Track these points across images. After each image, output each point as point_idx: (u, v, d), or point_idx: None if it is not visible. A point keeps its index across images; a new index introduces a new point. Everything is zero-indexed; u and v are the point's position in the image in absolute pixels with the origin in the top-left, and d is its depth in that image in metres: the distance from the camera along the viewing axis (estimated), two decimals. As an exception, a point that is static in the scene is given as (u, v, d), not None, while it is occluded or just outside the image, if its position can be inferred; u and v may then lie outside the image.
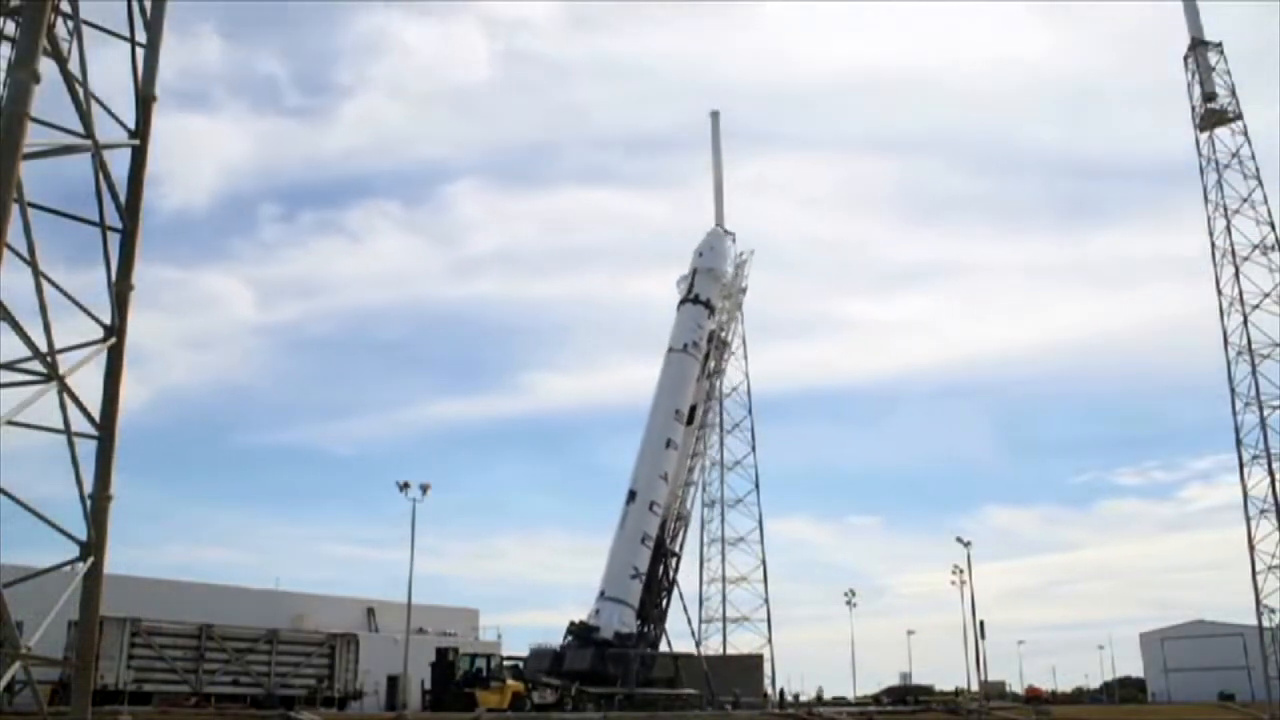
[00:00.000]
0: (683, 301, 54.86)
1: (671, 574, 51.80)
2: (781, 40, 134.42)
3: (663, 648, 50.14)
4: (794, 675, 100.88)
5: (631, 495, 49.16)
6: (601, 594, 47.22)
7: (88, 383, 14.93)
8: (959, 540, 61.02)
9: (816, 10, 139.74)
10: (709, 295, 54.87)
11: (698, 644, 55.78)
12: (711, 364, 55.85)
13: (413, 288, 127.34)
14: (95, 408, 15.01)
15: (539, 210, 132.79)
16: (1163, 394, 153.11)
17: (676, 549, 52.89)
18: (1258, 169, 67.94)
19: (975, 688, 62.10)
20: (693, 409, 53.46)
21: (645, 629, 49.06)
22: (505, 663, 43.05)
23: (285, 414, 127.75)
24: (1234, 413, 67.18)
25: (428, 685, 39.92)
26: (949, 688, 71.12)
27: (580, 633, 45.65)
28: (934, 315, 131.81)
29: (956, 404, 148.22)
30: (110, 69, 16.39)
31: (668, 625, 51.06)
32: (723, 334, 57.34)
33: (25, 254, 13.66)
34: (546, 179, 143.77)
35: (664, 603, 50.83)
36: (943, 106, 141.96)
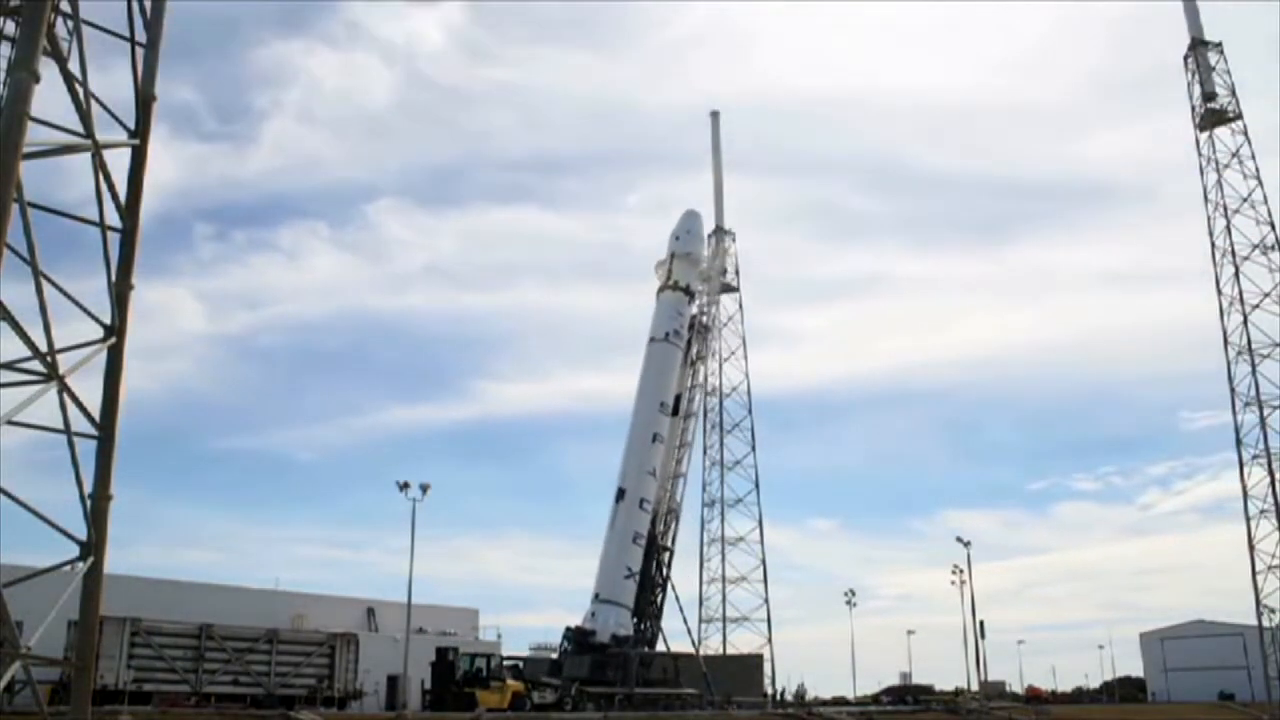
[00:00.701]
0: (661, 288, 53.97)
1: (665, 570, 51.55)
2: (677, 66, 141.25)
3: (660, 647, 50.08)
4: (794, 675, 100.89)
5: (620, 493, 48.75)
6: (596, 596, 46.93)
7: (88, 383, 14.96)
8: (959, 540, 61.10)
9: (719, 38, 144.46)
10: (687, 280, 54.07)
11: (695, 645, 55.67)
12: (694, 350, 55.01)
13: (350, 300, 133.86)
14: (95, 408, 15.03)
15: (460, 228, 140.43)
16: (1096, 402, 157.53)
17: (669, 544, 52.49)
18: (1258, 169, 68.04)
19: (975, 687, 62.09)
20: (677, 399, 52.76)
21: (642, 626, 48.95)
22: (505, 663, 43.06)
23: (243, 421, 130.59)
24: (1234, 412, 67.26)
25: (428, 685, 39.91)
26: (939, 688, 71.03)
27: (577, 638, 45.49)
28: (863, 328, 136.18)
29: (897, 412, 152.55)
30: (110, 69, 16.42)
31: (667, 625, 51.07)
32: (704, 319, 56.45)
33: (25, 254, 13.67)
34: (462, 198, 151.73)
35: (659, 599, 50.65)
36: (851, 130, 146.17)
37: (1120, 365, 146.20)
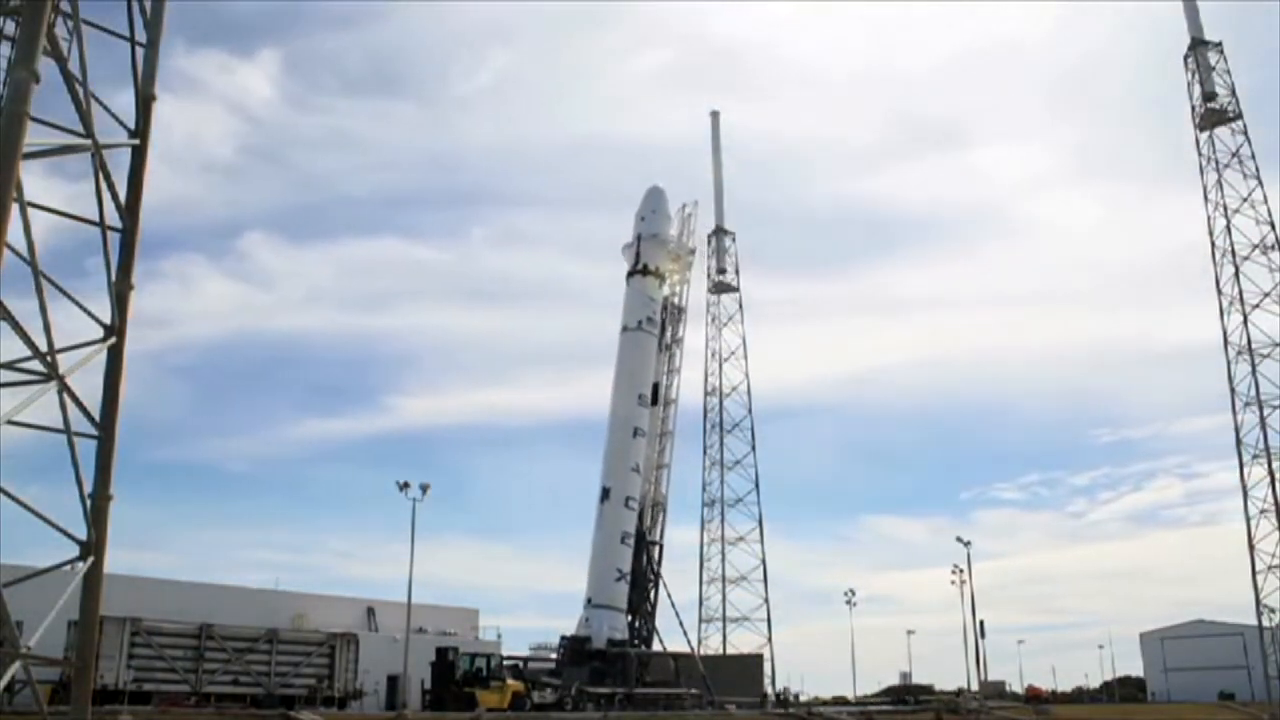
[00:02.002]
0: (630, 273, 52.57)
1: (656, 566, 51.23)
2: (485, 112, 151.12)
3: (655, 644, 49.98)
4: (794, 675, 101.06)
5: (605, 493, 48.17)
6: (589, 601, 46.60)
7: (88, 383, 14.96)
8: (959, 540, 61.12)
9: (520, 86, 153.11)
10: (657, 263, 52.72)
11: (689, 641, 55.52)
12: (669, 334, 54.10)
13: (248, 323, 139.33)
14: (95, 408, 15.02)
15: (331, 258, 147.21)
16: (994, 419, 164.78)
17: (658, 538, 52.11)
18: (1258, 169, 68.05)
19: (975, 687, 62.11)
20: (655, 386, 51.83)
21: (637, 625, 48.84)
22: (505, 662, 43.06)
23: (174, 434, 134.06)
24: (1234, 412, 67.27)
25: (428, 685, 39.93)
26: (935, 688, 71.06)
27: (573, 646, 45.33)
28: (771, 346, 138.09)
29: (803, 423, 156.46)
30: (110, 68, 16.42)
31: (665, 625, 50.97)
32: (676, 299, 55.41)
33: (25, 254, 13.67)
34: (325, 232, 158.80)
35: (652, 596, 50.46)
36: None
37: (1011, 384, 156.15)
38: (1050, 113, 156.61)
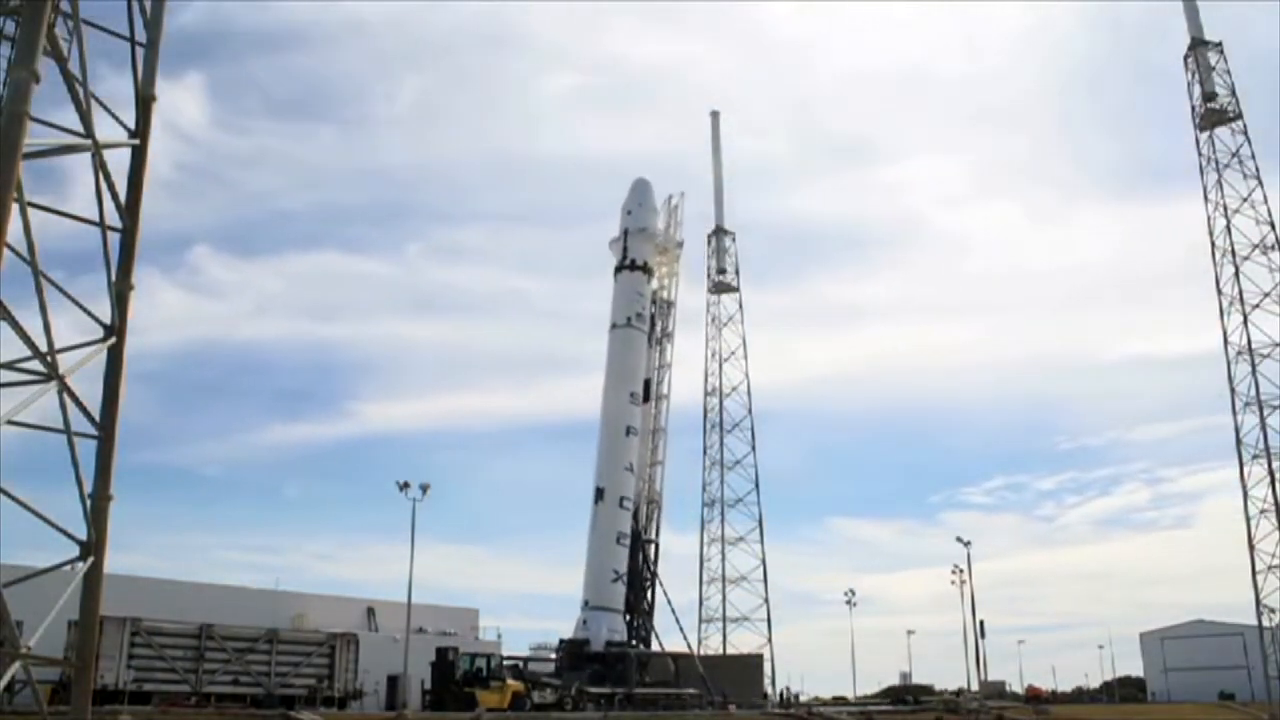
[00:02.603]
0: (618, 269, 51.67)
1: (652, 565, 50.98)
2: (409, 135, 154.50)
3: (654, 646, 49.89)
4: (794, 676, 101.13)
5: (599, 493, 47.67)
6: (586, 604, 46.24)
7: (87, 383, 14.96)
8: (959, 540, 61.02)
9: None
10: (644, 258, 51.78)
11: (684, 637, 55.38)
12: (659, 328, 53.46)
13: (206, 333, 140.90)
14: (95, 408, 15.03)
15: (277, 271, 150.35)
16: (935, 424, 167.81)
17: (653, 536, 51.75)
18: (1258, 169, 68.05)
19: (975, 687, 62.10)
20: (646, 383, 51.16)
21: (635, 624, 48.72)
22: (505, 662, 43.04)
23: (146, 439, 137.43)
24: (1234, 412, 67.24)
25: (428, 685, 39.92)
26: (926, 688, 71.09)
27: (572, 650, 45.18)
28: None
29: (763, 428, 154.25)
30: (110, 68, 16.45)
31: (663, 624, 50.87)
32: (664, 293, 54.70)
33: (25, 254, 13.68)
34: (269, 247, 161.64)
35: (649, 595, 50.30)
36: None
37: (960, 393, 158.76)
38: (962, 127, 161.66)
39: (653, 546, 51.61)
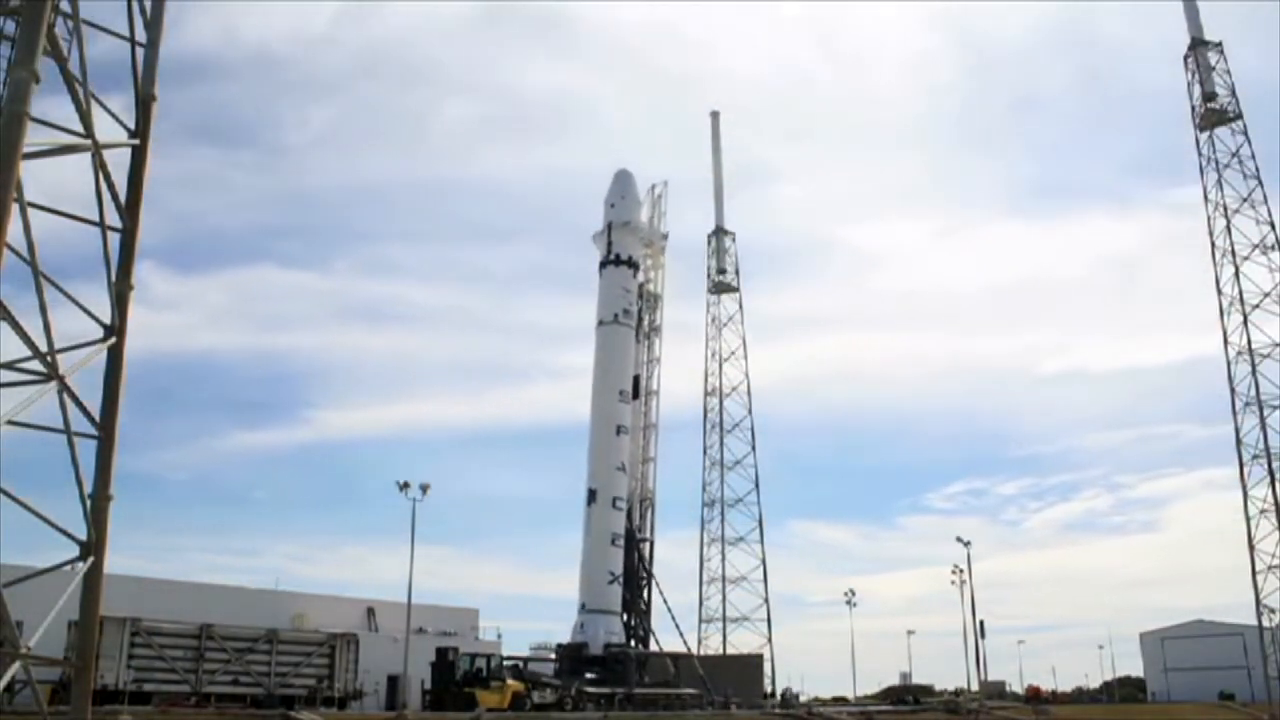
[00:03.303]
0: (603, 264, 50.92)
1: (647, 564, 50.77)
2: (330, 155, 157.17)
3: (652, 646, 49.82)
4: (794, 676, 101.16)
5: (591, 495, 47.36)
6: (582, 607, 46.00)
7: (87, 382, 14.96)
8: (959, 540, 60.99)
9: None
10: (630, 252, 50.97)
11: (689, 643, 55.43)
12: (646, 322, 52.89)
13: (158, 343, 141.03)
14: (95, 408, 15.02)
15: (218, 285, 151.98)
16: (886, 432, 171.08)
17: (647, 534, 51.43)
18: (1258, 169, 68.06)
19: (975, 687, 62.12)
20: (635, 379, 50.64)
21: (632, 624, 48.62)
22: (505, 662, 43.04)
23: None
24: (1234, 412, 67.26)
25: (428, 685, 39.92)
26: (926, 688, 71.11)
27: (570, 654, 45.09)
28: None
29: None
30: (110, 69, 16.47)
31: (661, 623, 50.78)
32: (650, 286, 54.08)
33: (25, 254, 13.68)
34: (204, 263, 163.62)
35: (646, 595, 50.17)
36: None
37: (904, 402, 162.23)
38: (858, 145, 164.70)
39: (647, 545, 51.31)
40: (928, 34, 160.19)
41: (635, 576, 49.40)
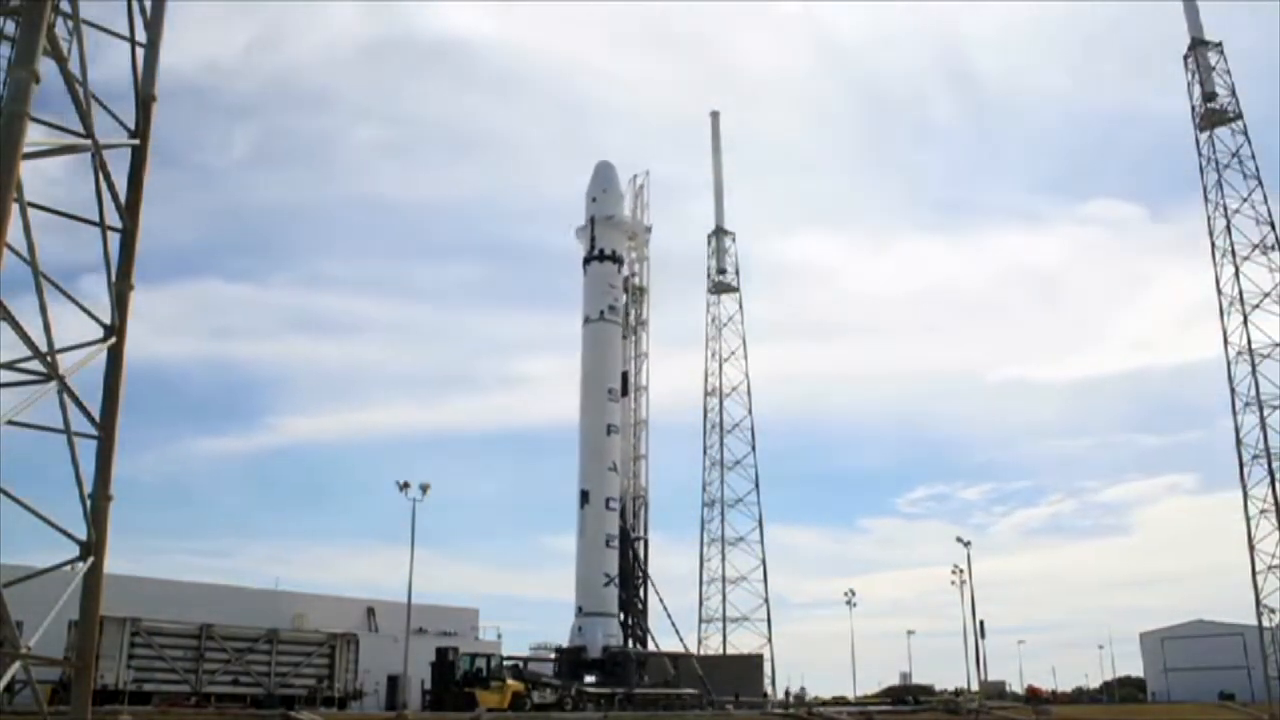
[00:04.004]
0: (587, 260, 50.29)
1: (643, 564, 50.61)
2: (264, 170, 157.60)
3: (650, 646, 49.77)
4: (794, 676, 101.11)
5: (584, 496, 47.07)
6: (579, 610, 45.82)
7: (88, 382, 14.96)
8: (959, 540, 61.02)
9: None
10: (614, 247, 50.28)
11: (687, 643, 55.30)
12: (632, 316, 52.40)
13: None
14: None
15: (164, 298, 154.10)
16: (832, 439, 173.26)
17: (642, 533, 51.17)
18: (1258, 169, 68.08)
19: (975, 687, 62.11)
20: (624, 375, 50.16)
21: (630, 624, 48.56)
22: (505, 662, 43.05)
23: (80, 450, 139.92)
24: (1234, 412, 67.27)
25: (428, 685, 39.92)
26: (926, 688, 71.07)
27: (569, 658, 45.00)
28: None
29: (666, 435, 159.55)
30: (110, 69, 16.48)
31: (659, 623, 50.71)
32: (636, 280, 53.55)
33: (25, 254, 13.69)
34: (150, 277, 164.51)
35: (643, 594, 50.07)
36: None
37: (840, 411, 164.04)
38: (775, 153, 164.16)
39: (642, 544, 51.12)
40: (824, 77, 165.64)
41: (631, 577, 49.29)
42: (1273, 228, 67.30)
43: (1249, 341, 66.33)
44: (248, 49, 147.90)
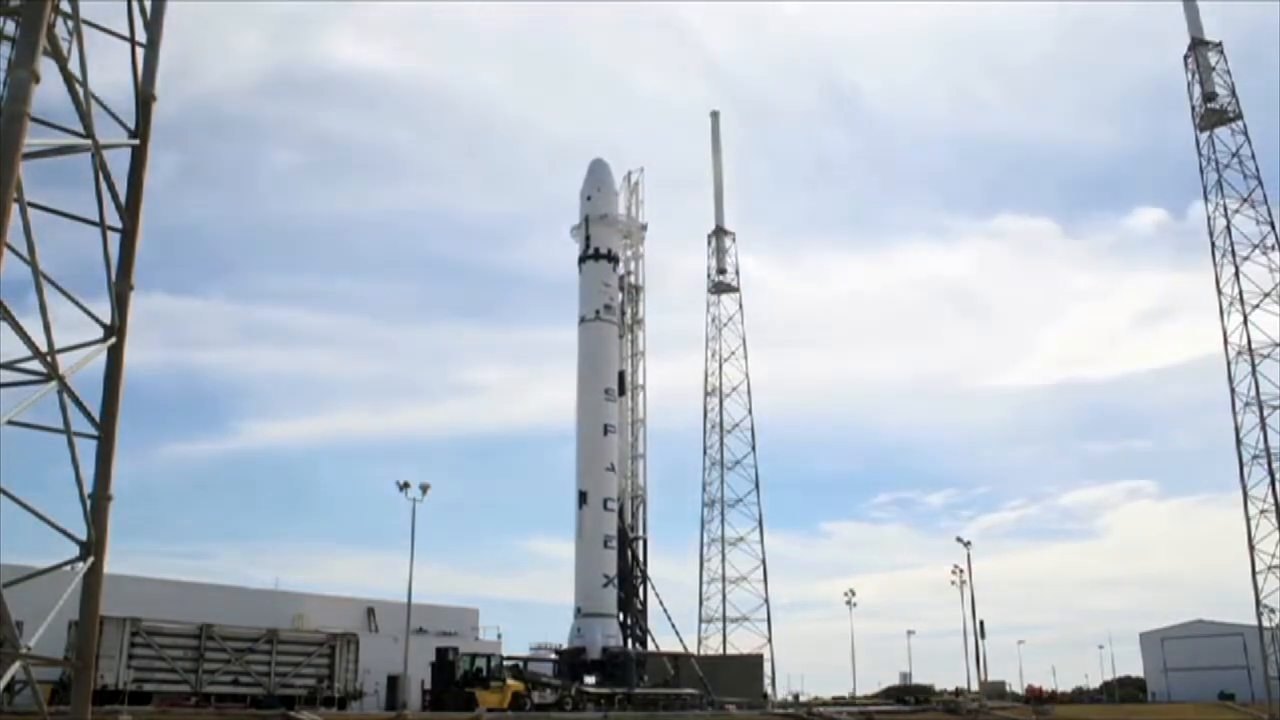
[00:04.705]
0: (582, 258, 49.99)
1: (642, 564, 50.54)
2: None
3: (650, 646, 49.77)
4: (794, 676, 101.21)
5: (582, 497, 46.96)
6: (578, 611, 45.80)
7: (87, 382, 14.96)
8: (959, 540, 61.03)
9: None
10: (609, 245, 50.08)
11: (685, 642, 55.36)
12: (629, 315, 52.28)
13: (69, 360, 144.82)
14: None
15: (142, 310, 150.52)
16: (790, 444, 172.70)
17: (640, 532, 51.06)
18: (1258, 169, 68.11)
19: (975, 687, 62.12)
20: (620, 375, 50.07)
21: (629, 623, 48.54)
22: (505, 663, 43.05)
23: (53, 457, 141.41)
24: (1234, 412, 67.29)
25: (428, 685, 39.91)
26: (926, 688, 71.10)
27: (569, 659, 44.95)
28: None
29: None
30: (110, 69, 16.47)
31: (658, 623, 50.71)
32: (632, 278, 53.38)
33: (25, 254, 13.68)
34: (102, 288, 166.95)
35: (642, 594, 50.05)
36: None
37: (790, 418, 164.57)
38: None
39: (641, 544, 51.03)
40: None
41: (630, 577, 49.24)
42: (1273, 228, 67.37)
43: (1249, 341, 66.40)
44: (164, 77, 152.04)
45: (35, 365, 14.08)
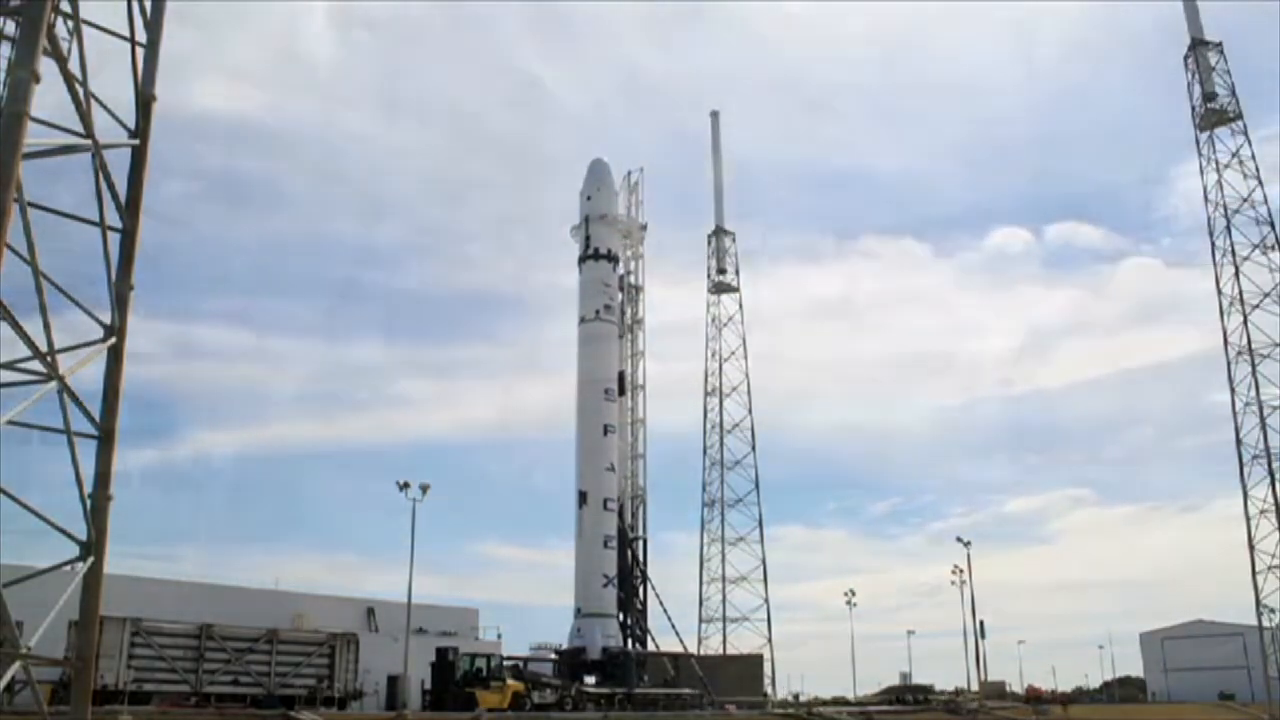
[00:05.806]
0: (582, 258, 50.06)
1: (642, 564, 50.56)
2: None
3: (650, 646, 49.77)
4: (794, 676, 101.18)
5: (582, 497, 46.98)
6: (578, 611, 45.83)
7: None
8: (959, 540, 61.08)
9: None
10: (609, 245, 50.15)
11: (685, 642, 55.40)
12: (628, 315, 52.39)
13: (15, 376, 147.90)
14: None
15: (67, 324, 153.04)
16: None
17: (640, 532, 51.18)
18: (1258, 169, 68.13)
19: (975, 687, 62.12)
20: (620, 375, 50.12)
21: (629, 623, 48.55)
22: (505, 662, 43.05)
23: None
24: (1234, 412, 67.35)
25: (428, 685, 39.90)
26: (926, 688, 71.13)
27: (569, 659, 44.95)
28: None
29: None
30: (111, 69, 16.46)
31: (658, 623, 50.71)
32: (631, 278, 53.50)
33: (25, 254, 13.68)
34: (59, 304, 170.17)
35: (642, 594, 50.07)
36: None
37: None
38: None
39: (641, 543, 51.02)
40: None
41: (630, 577, 49.26)
42: (1273, 228, 67.39)
43: (1249, 341, 66.43)
44: (52, 115, 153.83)
45: (35, 365, 14.07)
